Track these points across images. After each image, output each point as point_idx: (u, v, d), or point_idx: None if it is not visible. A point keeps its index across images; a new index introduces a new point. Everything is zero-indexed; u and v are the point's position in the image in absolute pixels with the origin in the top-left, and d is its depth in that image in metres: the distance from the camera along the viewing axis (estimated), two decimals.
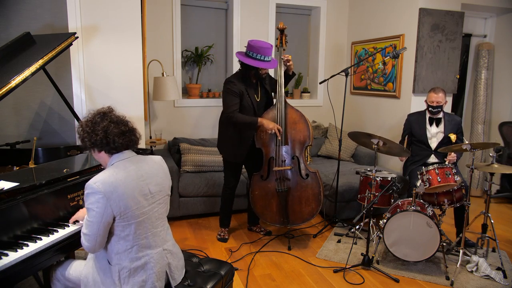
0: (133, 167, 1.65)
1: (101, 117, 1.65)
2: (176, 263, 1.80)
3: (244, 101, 3.10)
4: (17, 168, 2.41)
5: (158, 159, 1.81)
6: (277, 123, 3.13)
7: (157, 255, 1.69)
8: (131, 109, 3.17)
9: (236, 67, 4.49)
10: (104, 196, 1.51)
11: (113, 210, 1.53)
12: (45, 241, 1.71)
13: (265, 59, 3.00)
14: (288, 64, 3.25)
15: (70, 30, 2.97)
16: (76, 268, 1.78)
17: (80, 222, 1.88)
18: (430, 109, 3.41)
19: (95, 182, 1.53)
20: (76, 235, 1.85)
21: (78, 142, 1.69)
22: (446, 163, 3.13)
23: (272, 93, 3.35)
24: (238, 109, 3.06)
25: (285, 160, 3.18)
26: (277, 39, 3.38)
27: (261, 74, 3.12)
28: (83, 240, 1.58)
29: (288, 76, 3.35)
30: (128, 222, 1.58)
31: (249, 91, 3.13)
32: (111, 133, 1.61)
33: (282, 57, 3.23)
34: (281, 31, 3.34)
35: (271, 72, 4.15)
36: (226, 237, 3.39)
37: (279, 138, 3.13)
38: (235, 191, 3.39)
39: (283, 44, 3.33)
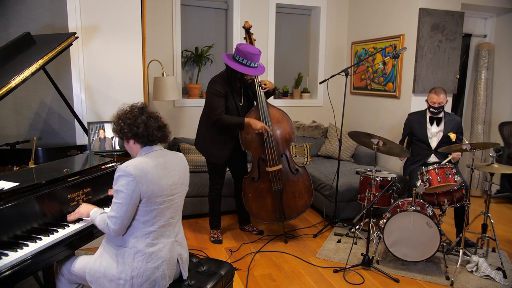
0: (161, 159, 1.75)
1: (139, 111, 1.76)
2: (186, 256, 1.88)
3: (228, 103, 3.05)
4: (17, 168, 2.41)
5: (181, 155, 1.92)
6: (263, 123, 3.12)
7: (170, 244, 1.76)
8: None
9: None
10: (135, 179, 1.60)
11: (141, 193, 1.62)
12: (45, 241, 1.71)
13: (251, 65, 2.92)
14: (264, 88, 3.15)
15: (70, 30, 2.97)
16: (81, 262, 1.81)
17: (77, 223, 1.89)
18: (432, 109, 3.40)
19: (127, 166, 1.62)
20: (76, 235, 1.85)
21: (112, 133, 1.81)
22: (450, 161, 3.13)
23: (255, 102, 3.28)
24: (224, 111, 3.00)
25: (276, 160, 3.18)
26: (244, 38, 3.24)
27: (246, 79, 3.05)
28: (109, 223, 1.64)
29: (269, 93, 3.27)
30: (151, 207, 1.66)
31: (234, 93, 3.08)
32: (151, 127, 1.73)
33: (259, 82, 3.14)
34: (246, 30, 3.21)
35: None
36: (220, 238, 3.37)
37: (265, 137, 3.11)
38: (222, 191, 3.35)
39: (253, 44, 3.20)
